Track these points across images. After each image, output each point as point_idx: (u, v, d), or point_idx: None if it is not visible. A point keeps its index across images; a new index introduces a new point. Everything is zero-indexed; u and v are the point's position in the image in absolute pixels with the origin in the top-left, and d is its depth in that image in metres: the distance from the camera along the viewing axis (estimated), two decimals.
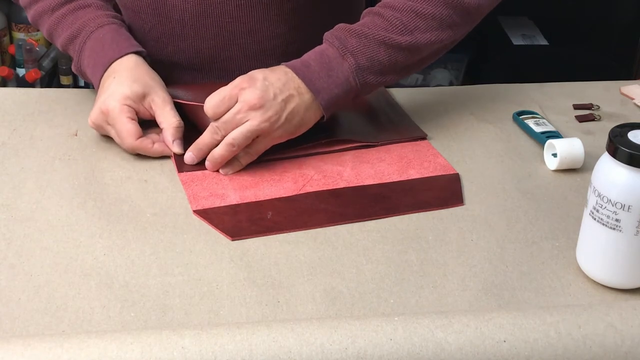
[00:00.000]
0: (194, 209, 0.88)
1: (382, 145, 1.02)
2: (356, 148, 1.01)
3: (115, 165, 0.96)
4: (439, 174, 0.97)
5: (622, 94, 1.19)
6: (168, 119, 0.99)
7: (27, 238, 0.83)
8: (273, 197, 0.91)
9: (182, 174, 0.95)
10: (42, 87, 2.05)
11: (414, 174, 0.97)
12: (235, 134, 0.93)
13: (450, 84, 2.50)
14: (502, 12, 2.56)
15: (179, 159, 0.97)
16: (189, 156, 0.96)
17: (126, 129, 0.96)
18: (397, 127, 1.06)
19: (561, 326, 0.69)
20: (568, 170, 0.98)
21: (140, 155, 0.98)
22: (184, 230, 0.85)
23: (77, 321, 0.72)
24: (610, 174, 0.74)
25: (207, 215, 0.87)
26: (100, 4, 1.08)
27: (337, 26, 1.00)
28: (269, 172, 0.96)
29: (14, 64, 2.12)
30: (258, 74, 0.95)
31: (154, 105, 0.99)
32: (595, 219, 0.76)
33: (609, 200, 0.74)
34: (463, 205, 0.91)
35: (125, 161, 0.97)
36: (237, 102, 0.93)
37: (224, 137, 0.94)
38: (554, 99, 1.16)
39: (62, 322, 0.72)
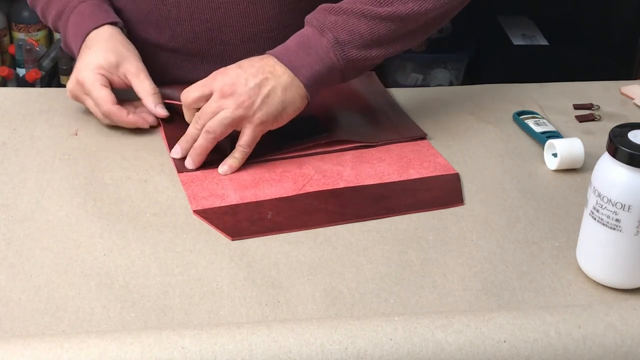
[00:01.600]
0: (194, 209, 0.88)
1: (382, 145, 1.02)
2: (356, 148, 1.01)
3: (115, 165, 0.96)
4: (439, 173, 0.97)
5: (622, 94, 1.19)
6: (144, 87, 1.02)
7: (27, 238, 0.83)
8: (273, 197, 0.91)
9: (182, 174, 0.95)
10: (42, 87, 2.05)
11: (413, 173, 0.97)
12: (212, 122, 0.94)
13: (450, 84, 2.50)
14: (502, 12, 2.56)
15: (178, 159, 0.97)
16: (176, 150, 0.98)
17: (100, 95, 0.99)
18: (397, 127, 1.06)
19: (561, 326, 0.69)
20: (568, 170, 0.98)
21: (140, 155, 0.98)
22: (184, 230, 0.85)
23: (77, 321, 0.72)
24: (611, 174, 0.74)
25: (207, 215, 0.87)
26: None
27: (317, 8, 1.01)
28: (268, 172, 0.96)
29: (14, 64, 2.12)
30: (234, 64, 0.97)
31: (129, 74, 1.02)
32: (595, 219, 0.76)
33: (609, 200, 0.74)
34: (463, 205, 0.91)
35: (126, 161, 0.97)
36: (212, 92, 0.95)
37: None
38: (554, 99, 1.16)
39: (62, 322, 0.72)
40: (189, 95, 0.96)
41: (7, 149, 0.99)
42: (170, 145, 0.99)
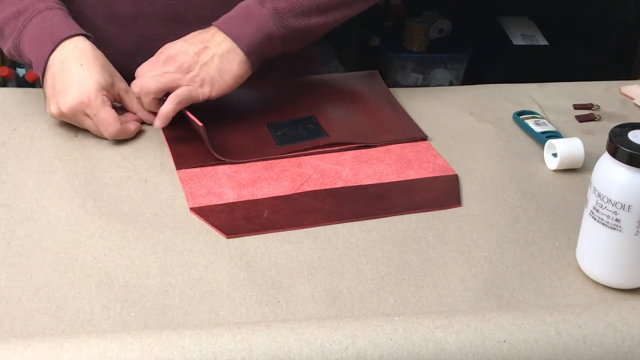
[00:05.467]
0: (191, 207, 0.88)
1: (382, 145, 1.02)
2: (356, 148, 1.01)
3: (115, 165, 0.96)
4: (438, 174, 0.97)
5: (622, 94, 1.19)
6: (136, 104, 1.04)
7: (27, 238, 0.83)
8: (270, 195, 0.91)
9: (180, 171, 0.95)
10: (42, 87, 2.05)
11: (412, 174, 0.97)
12: (149, 81, 0.99)
13: (450, 84, 2.50)
14: (502, 12, 2.56)
15: (177, 155, 0.97)
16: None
17: (111, 116, 0.99)
18: (397, 128, 1.06)
19: (561, 326, 0.69)
20: (568, 170, 0.98)
21: (140, 155, 0.98)
22: (184, 230, 0.85)
23: (77, 321, 0.72)
24: (611, 174, 0.74)
25: (204, 212, 0.87)
26: None
27: None
28: (267, 171, 0.96)
29: (14, 64, 2.12)
30: (180, 39, 1.03)
31: (121, 91, 1.04)
32: (595, 219, 0.76)
33: (609, 200, 0.74)
34: (460, 206, 0.91)
35: (126, 161, 0.97)
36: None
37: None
38: (554, 99, 1.16)
39: (62, 322, 0.72)
40: (150, 87, 1.00)
41: (7, 149, 0.99)
42: (171, 145, 1.00)
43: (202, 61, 0.99)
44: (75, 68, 1.00)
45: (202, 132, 0.97)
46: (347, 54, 2.58)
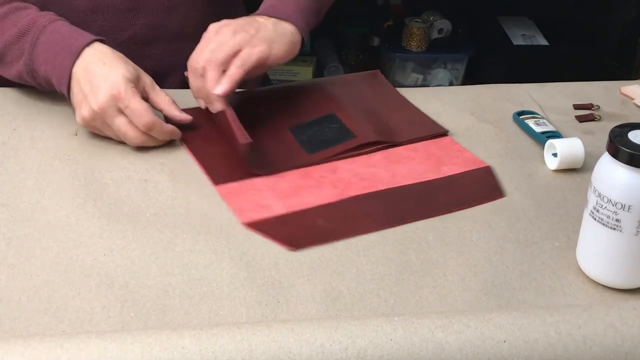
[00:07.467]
0: (243, 222, 0.86)
1: (407, 144, 1.02)
2: (383, 148, 1.01)
3: (115, 165, 0.96)
4: (471, 168, 0.97)
5: (622, 94, 1.19)
6: (163, 97, 1.02)
7: (27, 238, 0.83)
8: (318, 203, 0.90)
9: (219, 186, 0.92)
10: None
11: (447, 170, 0.97)
12: (217, 53, 0.98)
13: (450, 84, 2.50)
14: (502, 12, 2.56)
15: (212, 172, 0.94)
16: (199, 103, 1.02)
17: (144, 107, 0.97)
18: (417, 124, 1.06)
19: (561, 326, 0.69)
20: (568, 170, 0.98)
21: (140, 155, 0.98)
22: (184, 230, 0.85)
23: (77, 321, 0.72)
24: (611, 174, 0.74)
25: (260, 227, 0.85)
26: (37, 8, 1.07)
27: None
28: (304, 179, 0.94)
29: None
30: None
31: (147, 87, 1.01)
32: (595, 219, 0.76)
33: (609, 200, 0.74)
34: (504, 197, 0.92)
35: (126, 161, 0.97)
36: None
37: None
38: (554, 99, 1.16)
39: (62, 322, 0.72)
40: (216, 57, 0.98)
41: (7, 149, 0.99)
42: (202, 162, 0.97)
43: (256, 26, 1.01)
44: (99, 68, 0.98)
45: (244, 148, 0.94)
46: (347, 54, 2.58)
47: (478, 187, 0.94)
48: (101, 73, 0.97)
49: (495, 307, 0.76)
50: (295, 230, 0.85)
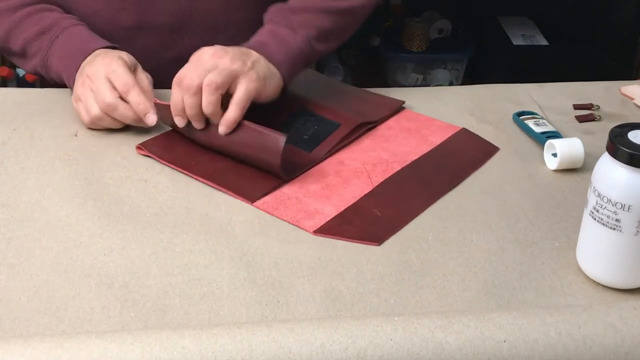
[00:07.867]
0: (314, 231, 0.85)
1: (381, 123, 1.05)
2: (363, 133, 1.03)
3: (115, 165, 0.96)
4: (451, 133, 1.02)
5: (622, 94, 1.19)
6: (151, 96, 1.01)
7: (27, 238, 0.83)
8: (358, 197, 0.91)
9: (256, 203, 0.90)
10: (42, 87, 2.05)
11: (435, 140, 1.01)
12: (211, 75, 0.93)
13: (450, 84, 2.50)
14: (502, 12, 2.56)
15: (242, 192, 0.91)
16: (178, 120, 0.97)
17: (127, 72, 0.99)
18: (378, 103, 1.10)
19: (561, 326, 0.69)
20: (568, 170, 0.98)
21: (140, 155, 0.98)
22: (184, 230, 0.85)
23: (77, 321, 0.72)
24: (611, 174, 0.74)
25: (332, 231, 0.85)
26: (62, 11, 1.12)
27: (272, 7, 1.07)
28: (325, 177, 0.94)
29: (14, 64, 2.12)
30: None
31: (141, 82, 1.01)
32: (595, 219, 0.76)
33: (609, 200, 0.74)
34: (500, 149, 1.00)
35: (126, 161, 0.97)
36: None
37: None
38: (554, 99, 1.16)
39: (62, 322, 0.72)
40: (216, 80, 0.93)
41: (7, 149, 0.99)
42: (226, 184, 0.93)
43: (252, 59, 0.98)
44: (96, 59, 1.02)
45: (286, 148, 0.92)
46: (347, 54, 2.58)
47: (473, 148, 1.00)
48: (101, 61, 1.01)
49: (495, 307, 0.76)
50: (367, 226, 0.86)
